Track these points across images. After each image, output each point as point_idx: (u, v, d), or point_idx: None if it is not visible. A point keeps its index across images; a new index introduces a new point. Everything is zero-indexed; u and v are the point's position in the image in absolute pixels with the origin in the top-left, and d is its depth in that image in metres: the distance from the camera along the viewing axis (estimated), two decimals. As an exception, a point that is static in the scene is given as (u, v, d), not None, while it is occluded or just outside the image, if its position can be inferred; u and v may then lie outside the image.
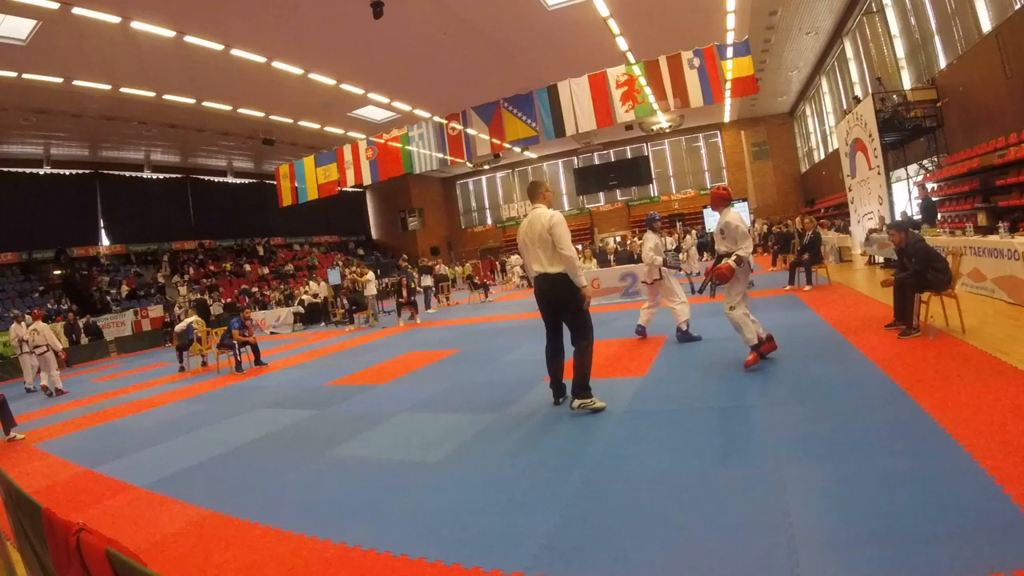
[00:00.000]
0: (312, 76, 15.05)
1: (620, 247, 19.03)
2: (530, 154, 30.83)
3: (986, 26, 10.27)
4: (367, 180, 14.36)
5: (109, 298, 19.97)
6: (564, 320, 4.38)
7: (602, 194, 31.79)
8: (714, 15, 14.02)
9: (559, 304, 4.30)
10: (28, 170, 20.32)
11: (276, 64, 13.95)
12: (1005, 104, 9.89)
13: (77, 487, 4.27)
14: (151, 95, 15.13)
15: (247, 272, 25.10)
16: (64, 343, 12.43)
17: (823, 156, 23.72)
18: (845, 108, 16.96)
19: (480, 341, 8.93)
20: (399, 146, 13.34)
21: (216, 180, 26.98)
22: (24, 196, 19.80)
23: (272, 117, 18.74)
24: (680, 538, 2.35)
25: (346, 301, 15.48)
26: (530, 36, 14.64)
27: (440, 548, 2.51)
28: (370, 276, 14.62)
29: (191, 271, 23.43)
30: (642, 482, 2.97)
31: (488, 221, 34.57)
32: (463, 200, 35.38)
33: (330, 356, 9.82)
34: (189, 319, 11.12)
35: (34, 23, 10.69)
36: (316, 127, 20.29)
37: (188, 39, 11.92)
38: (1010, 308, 5.91)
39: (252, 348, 9.55)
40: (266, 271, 25.71)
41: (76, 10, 10.13)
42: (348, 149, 14.23)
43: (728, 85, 10.23)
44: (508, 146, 12.64)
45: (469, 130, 12.17)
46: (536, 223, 4.24)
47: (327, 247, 31.31)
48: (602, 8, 12.87)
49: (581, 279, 4.16)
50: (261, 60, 13.58)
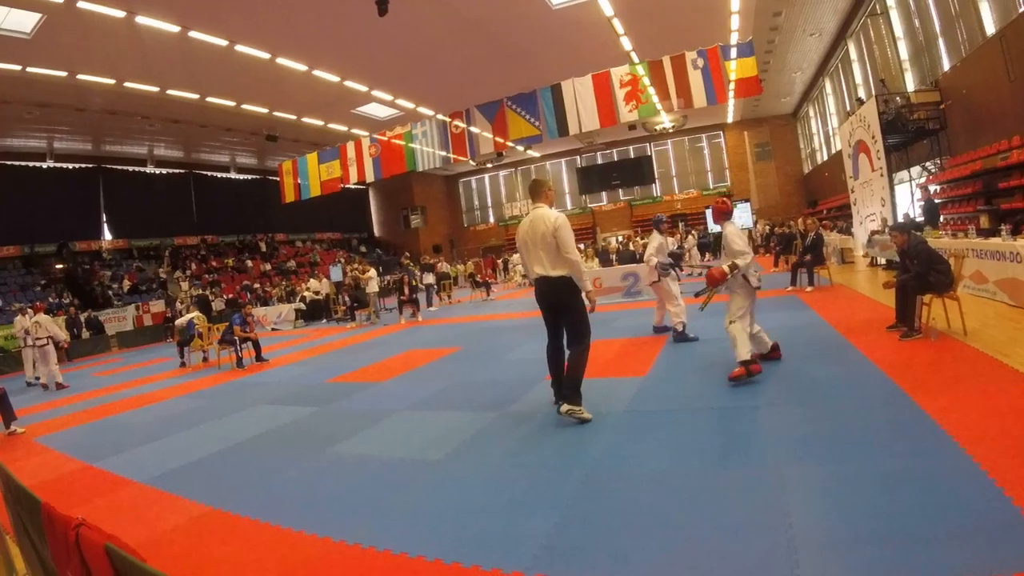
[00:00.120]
0: (316, 73, 15.06)
1: (622, 247, 19.05)
2: (533, 153, 30.80)
3: (990, 29, 10.24)
4: (370, 177, 14.41)
5: (111, 292, 20.01)
6: (563, 322, 4.34)
7: (605, 193, 31.78)
8: (718, 16, 13.99)
9: (559, 307, 4.26)
10: (31, 164, 20.36)
11: (280, 60, 13.96)
12: (1008, 107, 9.87)
13: (77, 482, 4.27)
14: (155, 90, 15.16)
15: (249, 268, 25.13)
16: (66, 336, 12.45)
17: (826, 157, 23.69)
18: (848, 110, 16.94)
19: (481, 339, 8.93)
20: (402, 144, 13.38)
21: (219, 176, 27.01)
22: (27, 190, 19.81)
23: (276, 113, 18.77)
24: (680, 538, 2.35)
25: (348, 298, 15.48)
26: (534, 35, 14.62)
27: (440, 546, 2.51)
28: (372, 273, 14.63)
29: (193, 266, 23.46)
30: (642, 482, 2.96)
31: (491, 219, 34.57)
32: (466, 198, 35.38)
33: (331, 353, 9.83)
34: (190, 315, 11.14)
35: (39, 16, 10.70)
36: (320, 124, 20.30)
37: (192, 34, 11.95)
38: (1011, 311, 5.90)
39: (253, 344, 9.55)
40: (268, 267, 25.74)
41: (81, 4, 10.15)
42: (351, 146, 14.27)
43: (732, 86, 10.24)
44: (511, 145, 12.66)
45: (473, 128, 12.19)
46: (539, 224, 4.14)
47: (329, 244, 31.32)
48: (606, 7, 12.84)
49: (587, 283, 4.12)
50: (265, 56, 13.59)
